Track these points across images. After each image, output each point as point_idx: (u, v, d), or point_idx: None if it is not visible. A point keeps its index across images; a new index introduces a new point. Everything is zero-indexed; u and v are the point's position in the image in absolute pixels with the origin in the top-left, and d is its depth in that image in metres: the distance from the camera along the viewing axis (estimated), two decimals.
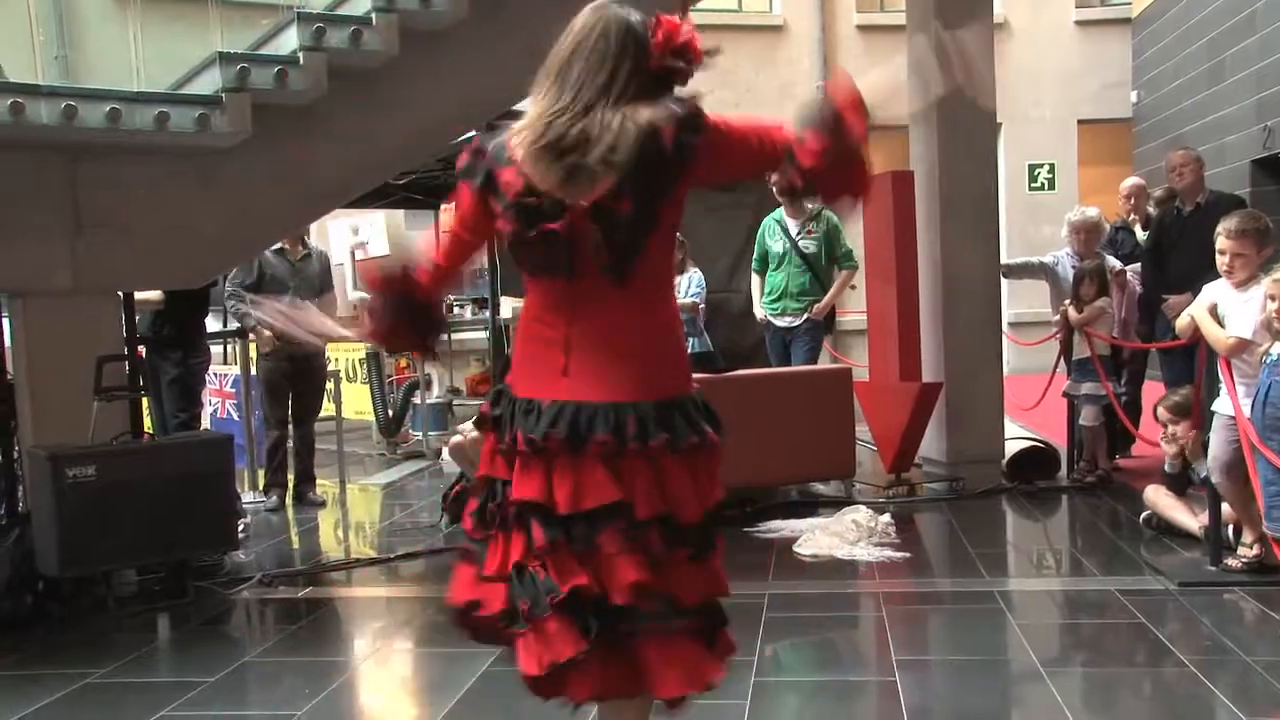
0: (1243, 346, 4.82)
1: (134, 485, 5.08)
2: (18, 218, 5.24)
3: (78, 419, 5.23)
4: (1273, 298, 4.52)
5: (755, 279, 8.41)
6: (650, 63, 2.60)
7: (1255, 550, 5.06)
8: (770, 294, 8.25)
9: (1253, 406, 4.56)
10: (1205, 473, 5.46)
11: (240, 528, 6.23)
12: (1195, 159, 7.45)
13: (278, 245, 7.41)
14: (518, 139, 2.58)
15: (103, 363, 5.28)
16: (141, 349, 6.51)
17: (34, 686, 4.27)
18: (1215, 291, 5.11)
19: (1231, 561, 5.16)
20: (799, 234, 8.13)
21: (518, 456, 2.59)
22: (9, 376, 5.57)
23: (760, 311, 8.36)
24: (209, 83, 5.46)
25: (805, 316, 8.09)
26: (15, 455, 5.52)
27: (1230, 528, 5.31)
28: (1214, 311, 5.01)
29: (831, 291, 8.14)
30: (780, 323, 8.21)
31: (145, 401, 6.17)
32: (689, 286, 8.96)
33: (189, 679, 4.26)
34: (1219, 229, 5.11)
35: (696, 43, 2.65)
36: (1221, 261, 5.04)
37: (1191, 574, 5.16)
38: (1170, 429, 6.11)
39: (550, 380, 2.61)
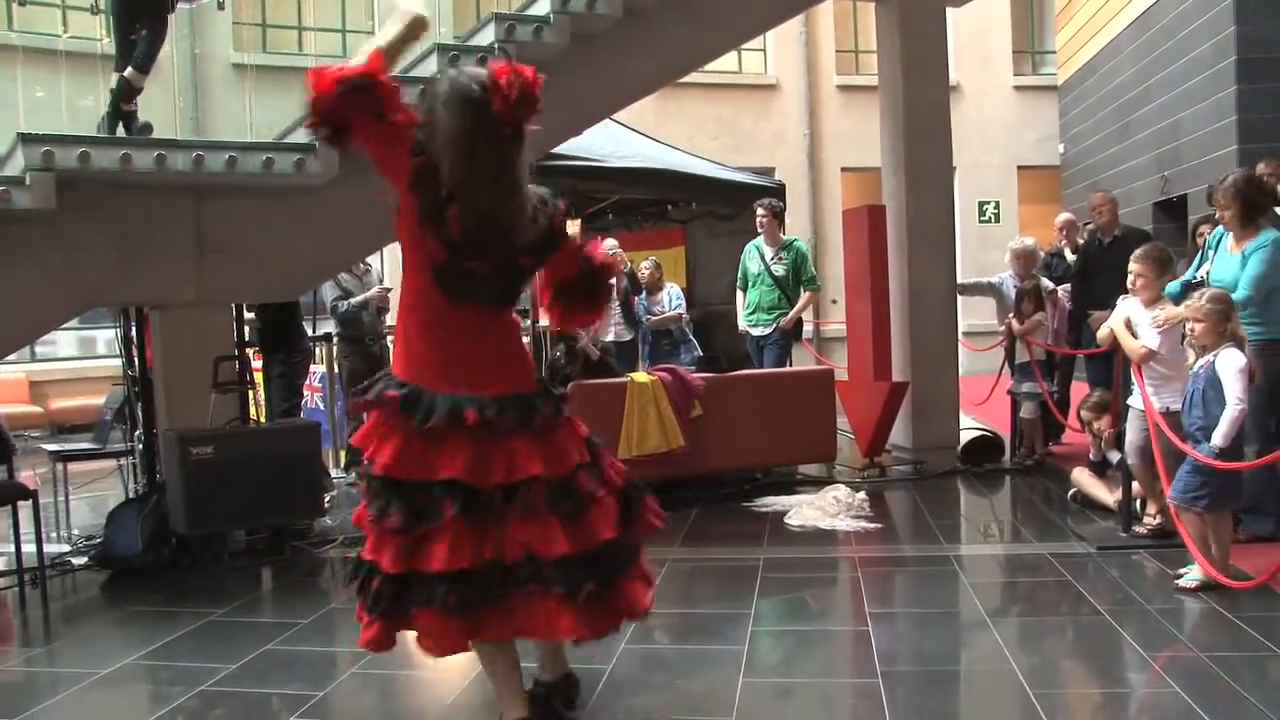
0: (1150, 356, 4.88)
1: (242, 462, 5.11)
2: (157, 245, 5.31)
3: (199, 407, 5.31)
4: (1188, 320, 4.56)
5: (740, 295, 8.49)
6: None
7: (1158, 520, 5.12)
8: (748, 308, 8.30)
9: (1185, 409, 4.60)
10: (1118, 458, 5.52)
11: (326, 498, 6.28)
12: (1112, 200, 7.53)
13: None
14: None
15: (219, 362, 5.35)
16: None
17: (171, 621, 4.37)
18: (1127, 307, 5.16)
19: (1139, 529, 5.21)
20: (771, 259, 8.18)
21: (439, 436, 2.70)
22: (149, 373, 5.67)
23: (742, 323, 8.42)
24: (305, 133, 5.55)
25: (774, 327, 8.14)
26: (154, 435, 5.63)
27: (1139, 502, 5.36)
28: (1128, 323, 5.06)
29: (796, 308, 8.13)
30: (755, 332, 8.25)
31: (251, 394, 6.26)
32: (670, 300, 9.02)
33: (287, 620, 4.33)
34: (1132, 256, 5.18)
35: (533, 89, 2.60)
36: (1130, 281, 5.11)
37: (1107, 539, 5.19)
38: (1095, 424, 6.16)
39: (460, 377, 2.75)
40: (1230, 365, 4.35)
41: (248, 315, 6.54)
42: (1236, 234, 5.10)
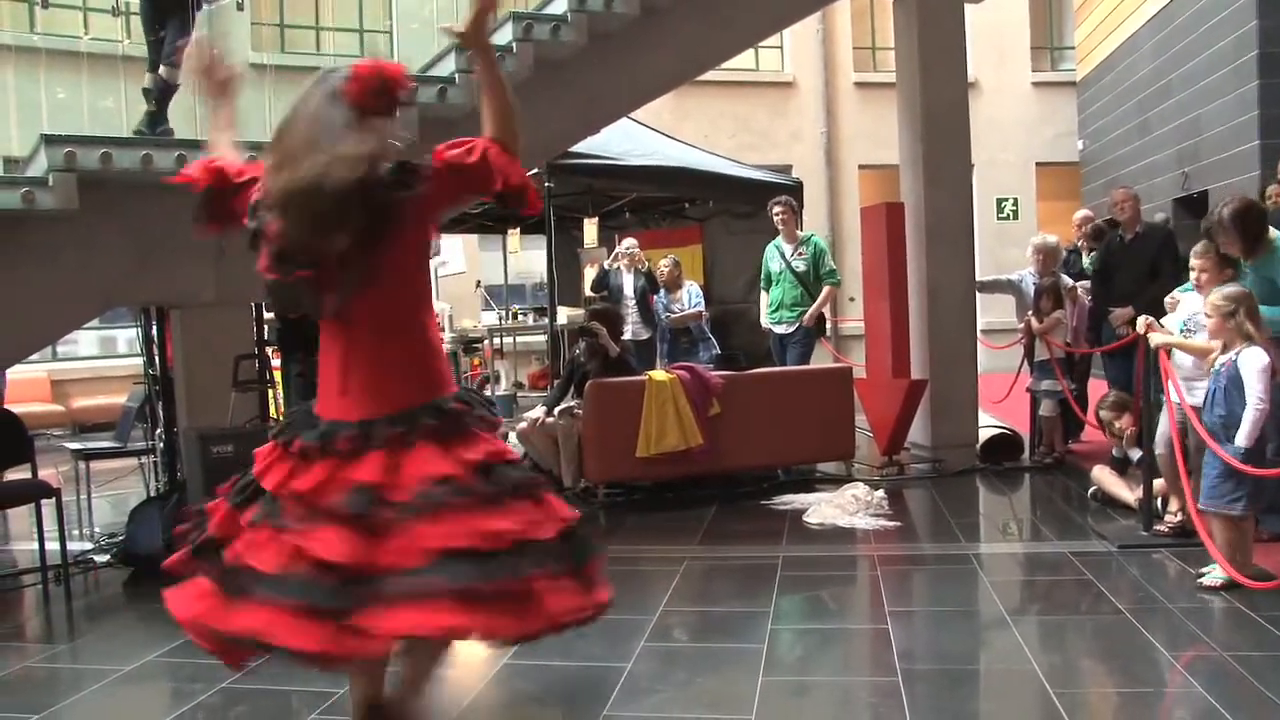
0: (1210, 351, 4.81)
1: None
2: (177, 245, 5.33)
3: (220, 406, 5.33)
4: (1209, 315, 4.52)
5: (763, 294, 8.47)
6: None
7: (1179, 517, 5.07)
8: (771, 306, 8.29)
9: (1206, 406, 4.56)
10: (1139, 456, 5.48)
11: None
12: (1134, 196, 7.44)
13: None
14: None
15: (239, 361, 5.38)
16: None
17: None
18: (1189, 302, 5.10)
19: (1160, 527, 5.17)
20: (791, 255, 8.16)
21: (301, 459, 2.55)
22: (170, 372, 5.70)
23: (765, 321, 8.41)
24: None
25: (798, 324, 8.13)
26: (175, 434, 5.66)
27: (1160, 500, 5.32)
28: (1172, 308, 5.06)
29: (817, 302, 8.11)
30: (779, 329, 8.23)
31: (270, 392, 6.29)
32: (690, 298, 9.03)
33: None
34: (1192, 251, 5.11)
35: (391, 74, 2.59)
36: (1194, 278, 5.03)
37: (1128, 538, 5.16)
38: (1115, 424, 6.12)
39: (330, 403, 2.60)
40: (1252, 364, 4.31)
41: (267, 315, 6.58)
42: (1252, 261, 5.02)
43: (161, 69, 5.77)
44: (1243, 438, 4.25)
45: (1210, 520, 4.40)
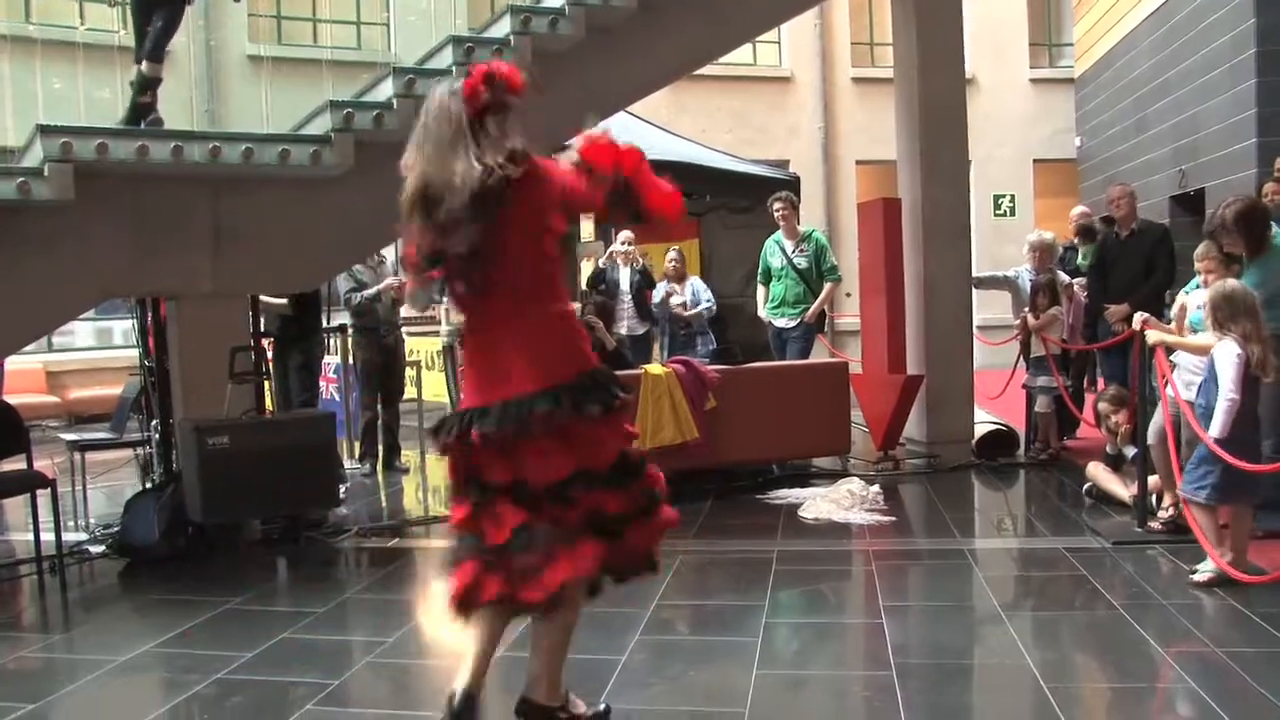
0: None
1: (257, 452, 5.12)
2: (174, 236, 5.34)
3: (216, 397, 5.33)
4: (1202, 307, 4.55)
5: (760, 289, 8.47)
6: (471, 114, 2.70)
7: (1170, 512, 5.08)
8: (772, 301, 8.29)
9: (1198, 393, 4.58)
10: (1134, 453, 5.49)
11: (341, 489, 6.30)
12: (1131, 194, 7.47)
13: None
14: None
15: (234, 352, 5.37)
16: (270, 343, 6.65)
17: (189, 609, 4.39)
18: (1195, 299, 5.13)
19: (1154, 524, 5.19)
20: (793, 252, 8.16)
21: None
22: (165, 363, 5.70)
23: (764, 315, 8.41)
24: (321, 125, 5.56)
25: (799, 320, 8.13)
26: (170, 425, 5.65)
27: (1154, 496, 5.33)
28: (1180, 315, 5.06)
29: (819, 299, 8.12)
30: (779, 324, 8.24)
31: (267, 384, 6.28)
32: (691, 291, 9.05)
33: (303, 609, 4.36)
34: (1196, 253, 5.13)
35: (507, 72, 2.77)
36: (1203, 279, 5.05)
37: (1123, 534, 5.18)
38: (1112, 418, 6.14)
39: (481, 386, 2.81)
40: (1224, 357, 4.34)
41: (277, 302, 6.57)
42: (1254, 260, 5.04)
43: (144, 64, 5.76)
44: (1215, 428, 4.28)
45: (1195, 511, 4.43)
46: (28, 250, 5.02)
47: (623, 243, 9.10)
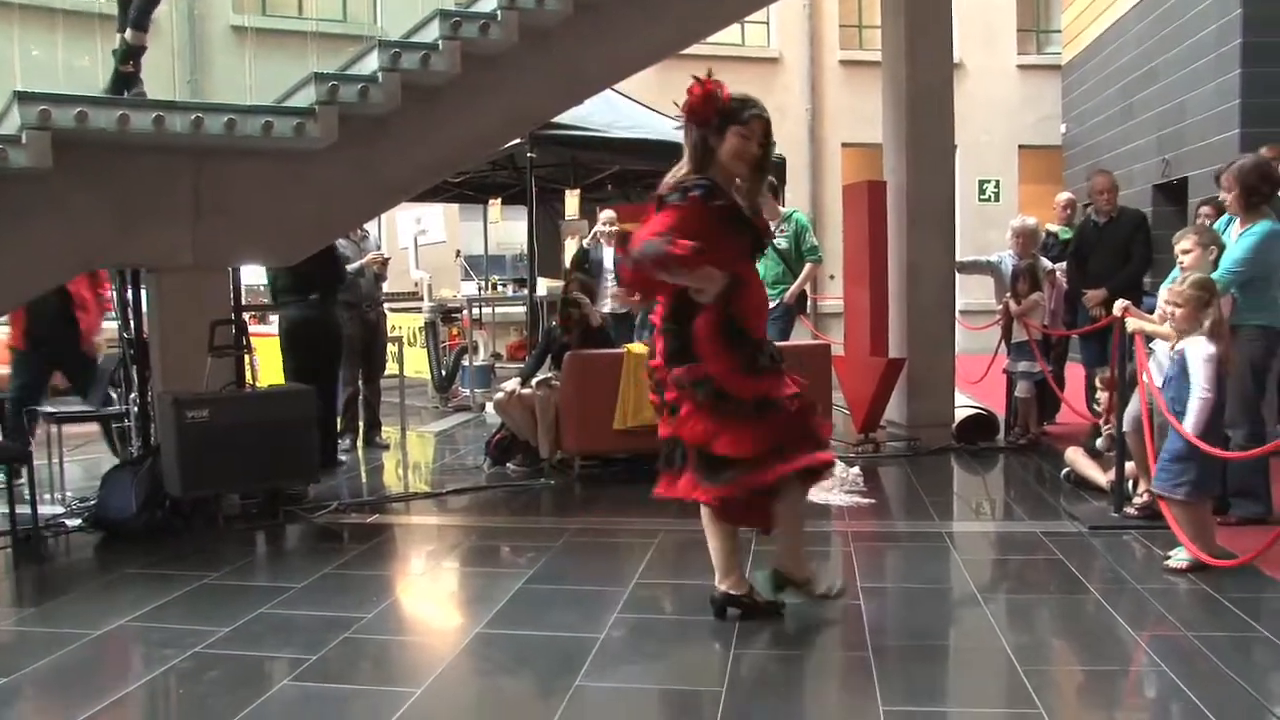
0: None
1: (237, 426, 5.12)
2: (155, 207, 5.30)
3: (195, 371, 5.31)
4: (1168, 303, 4.56)
5: None
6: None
7: (1145, 497, 5.11)
8: None
9: (1163, 389, 4.61)
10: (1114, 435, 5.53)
11: (335, 470, 6.27)
12: (1114, 183, 7.51)
13: None
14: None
15: (214, 326, 5.35)
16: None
17: (166, 583, 4.39)
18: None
19: (1130, 509, 5.24)
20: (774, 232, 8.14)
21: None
22: (145, 336, 5.66)
23: None
24: (305, 97, 5.51)
25: (779, 301, 8.12)
26: (149, 399, 5.63)
27: (1131, 482, 5.38)
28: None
29: (799, 280, 8.08)
30: None
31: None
32: None
33: (281, 584, 4.36)
34: (1175, 238, 5.16)
35: (718, 99, 3.73)
36: (1182, 264, 5.08)
37: (1099, 519, 5.22)
38: (1099, 395, 6.18)
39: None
40: (1196, 354, 4.36)
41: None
42: (1241, 218, 5.11)
43: (128, 32, 5.70)
44: (1190, 426, 4.30)
45: (1173, 508, 4.46)
46: (4, 220, 4.97)
47: (606, 222, 9.07)
